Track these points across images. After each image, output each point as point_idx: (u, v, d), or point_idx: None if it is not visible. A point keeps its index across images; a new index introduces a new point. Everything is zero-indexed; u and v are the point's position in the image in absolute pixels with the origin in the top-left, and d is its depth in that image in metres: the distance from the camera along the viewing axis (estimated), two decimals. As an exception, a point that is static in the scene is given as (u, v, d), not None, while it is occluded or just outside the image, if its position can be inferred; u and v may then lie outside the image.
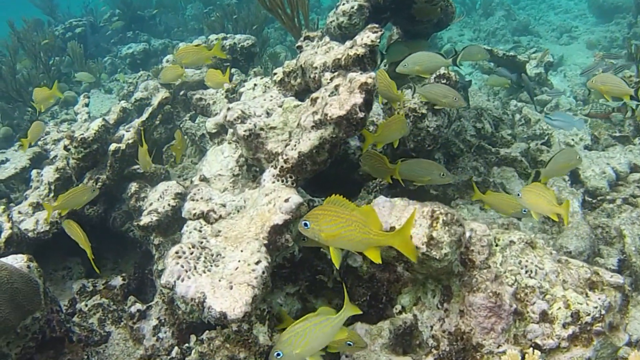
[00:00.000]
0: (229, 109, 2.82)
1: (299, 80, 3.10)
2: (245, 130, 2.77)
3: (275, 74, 3.20)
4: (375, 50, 2.87)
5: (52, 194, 4.00)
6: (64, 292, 3.60)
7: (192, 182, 3.18)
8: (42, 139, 4.90)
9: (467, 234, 2.43)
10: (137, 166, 3.68)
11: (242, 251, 2.25)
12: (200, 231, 2.60)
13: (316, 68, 2.89)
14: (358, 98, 2.42)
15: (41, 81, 8.02)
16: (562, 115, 4.50)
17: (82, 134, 3.54)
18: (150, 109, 3.70)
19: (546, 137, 5.23)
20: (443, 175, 3.01)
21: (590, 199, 4.28)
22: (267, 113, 2.88)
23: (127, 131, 3.68)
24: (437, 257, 2.27)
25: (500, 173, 4.31)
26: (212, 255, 2.29)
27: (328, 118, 2.44)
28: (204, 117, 4.18)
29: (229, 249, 2.32)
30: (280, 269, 2.70)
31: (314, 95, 2.70)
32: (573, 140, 5.19)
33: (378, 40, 2.83)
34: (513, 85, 6.10)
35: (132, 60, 9.13)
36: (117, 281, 3.43)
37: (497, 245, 2.58)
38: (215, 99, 3.95)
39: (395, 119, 2.95)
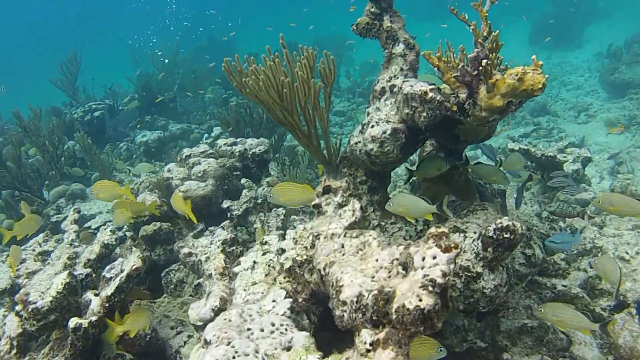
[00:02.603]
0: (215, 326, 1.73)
1: (314, 276, 2.00)
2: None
3: (283, 252, 2.11)
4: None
5: (14, 351, 2.97)
6: None
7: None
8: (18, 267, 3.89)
9: None
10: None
11: None
12: None
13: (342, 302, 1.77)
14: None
15: (49, 171, 7.19)
16: (562, 236, 3.76)
17: (36, 304, 2.50)
18: (117, 281, 2.63)
19: (599, 254, 4.16)
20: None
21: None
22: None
23: (95, 295, 2.63)
24: None
25: (558, 312, 3.26)
26: None
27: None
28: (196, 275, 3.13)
29: None
30: None
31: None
32: (627, 253, 4.14)
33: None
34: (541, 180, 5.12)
35: (147, 149, 8.22)
36: None
37: None
38: (208, 253, 2.89)
39: None
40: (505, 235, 2.31)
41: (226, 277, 2.60)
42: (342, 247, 1.75)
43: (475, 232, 2.63)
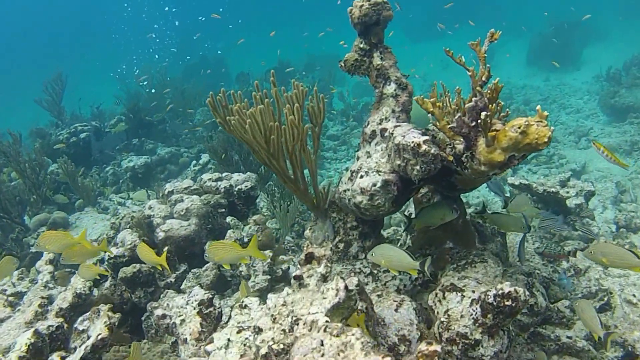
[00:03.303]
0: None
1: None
2: None
3: (260, 331, 1.91)
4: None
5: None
6: None
7: None
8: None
9: None
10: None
11: None
12: None
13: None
14: None
15: (31, 197, 6.99)
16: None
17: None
18: (82, 351, 2.42)
19: (605, 298, 4.00)
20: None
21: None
22: None
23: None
24: None
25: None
26: None
27: None
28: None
29: None
30: None
31: None
32: (635, 296, 4.00)
33: None
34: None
35: (134, 174, 8.02)
36: None
37: None
38: (184, 315, 2.69)
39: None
40: (506, 303, 2.14)
41: (202, 341, 2.42)
42: (322, 345, 1.56)
43: (473, 292, 2.45)
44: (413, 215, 3.27)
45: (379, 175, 2.39)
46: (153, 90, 10.56)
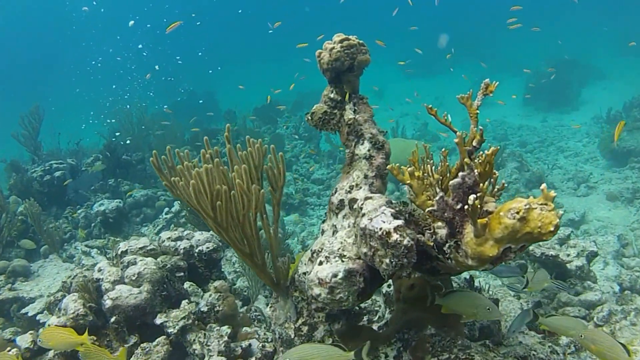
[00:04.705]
0: None
1: None
2: None
3: None
4: None
5: None
6: None
7: None
8: None
9: None
10: None
11: None
12: None
13: None
14: None
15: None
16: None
17: None
18: None
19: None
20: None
21: None
22: None
23: None
24: None
25: None
26: None
27: None
28: None
29: None
30: None
31: None
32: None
33: None
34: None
35: (104, 219, 7.55)
36: None
37: None
38: None
39: None
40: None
41: None
42: None
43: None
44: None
45: (342, 262, 1.97)
46: (128, 141, 10.07)
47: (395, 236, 1.80)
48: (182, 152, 2.65)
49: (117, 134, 10.61)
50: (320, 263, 2.03)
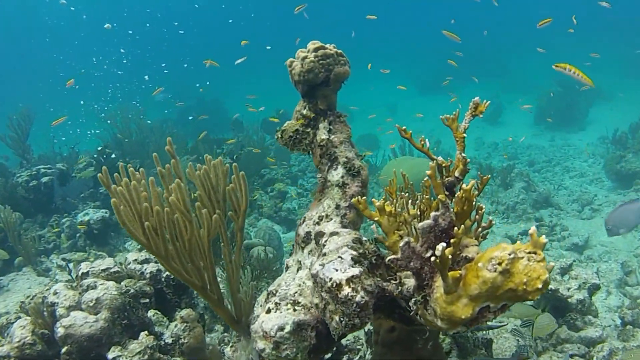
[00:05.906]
0: None
1: None
2: None
3: None
4: None
5: None
6: None
7: None
8: None
9: None
10: None
11: None
12: None
13: None
14: None
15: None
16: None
17: None
18: None
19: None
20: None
21: None
22: None
23: None
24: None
25: None
26: None
27: None
28: None
29: None
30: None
31: None
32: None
33: None
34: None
35: (89, 230, 7.22)
36: None
37: None
38: None
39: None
40: None
41: None
42: None
43: None
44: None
45: (294, 311, 1.65)
46: (113, 156, 9.65)
47: (346, 290, 1.46)
48: (137, 170, 2.35)
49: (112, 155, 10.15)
50: (269, 311, 1.71)
